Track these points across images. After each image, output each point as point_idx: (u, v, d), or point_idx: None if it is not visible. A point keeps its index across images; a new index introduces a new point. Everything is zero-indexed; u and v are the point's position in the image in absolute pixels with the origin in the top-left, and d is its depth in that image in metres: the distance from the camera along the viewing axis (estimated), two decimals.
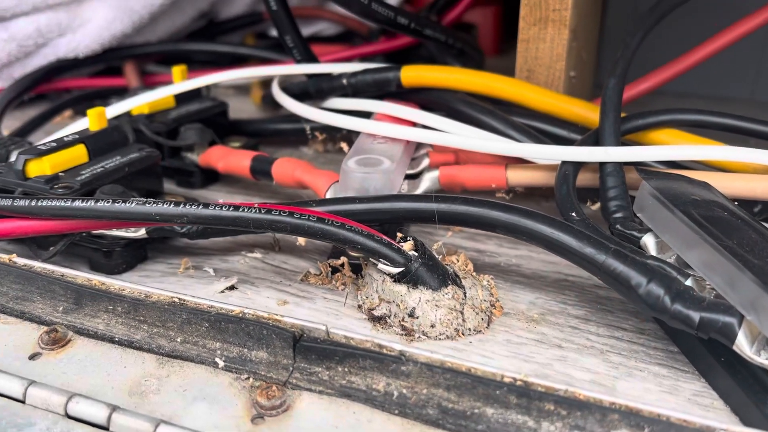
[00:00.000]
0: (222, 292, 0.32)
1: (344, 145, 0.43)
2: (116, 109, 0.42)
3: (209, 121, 0.47)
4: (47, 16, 0.62)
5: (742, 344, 0.24)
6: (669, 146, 0.33)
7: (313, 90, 0.46)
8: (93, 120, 0.38)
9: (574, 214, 0.32)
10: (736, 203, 0.30)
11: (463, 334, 0.29)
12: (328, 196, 0.36)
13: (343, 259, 0.33)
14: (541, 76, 0.42)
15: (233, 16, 0.81)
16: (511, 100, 0.40)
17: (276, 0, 0.44)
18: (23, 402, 0.26)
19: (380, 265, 0.30)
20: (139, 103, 0.43)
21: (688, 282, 0.27)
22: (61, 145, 0.36)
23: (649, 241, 0.31)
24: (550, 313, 0.31)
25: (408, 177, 0.39)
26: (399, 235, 0.31)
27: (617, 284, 0.27)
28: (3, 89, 0.57)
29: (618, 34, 0.62)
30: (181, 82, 0.49)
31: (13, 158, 0.43)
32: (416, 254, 0.29)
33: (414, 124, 0.40)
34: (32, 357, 0.28)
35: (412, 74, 0.42)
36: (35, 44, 0.61)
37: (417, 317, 0.29)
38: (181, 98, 0.48)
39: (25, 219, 0.32)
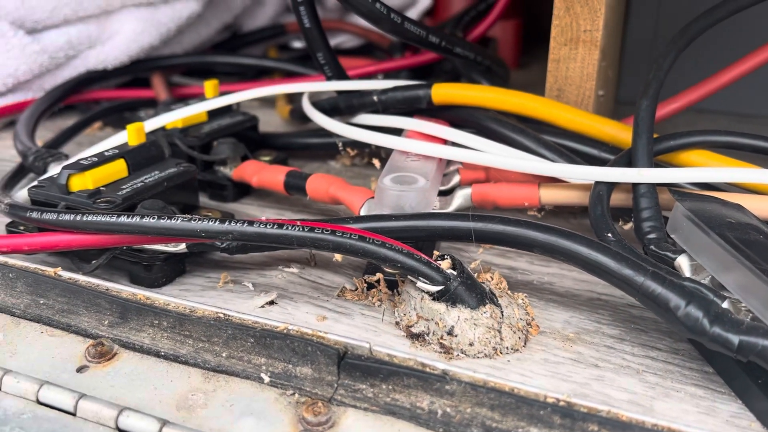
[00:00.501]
0: (262, 306, 0.33)
1: (376, 162, 0.44)
2: (153, 123, 0.43)
3: (240, 134, 0.48)
4: (78, 28, 0.63)
5: None
6: (703, 168, 0.34)
7: (343, 106, 0.47)
8: (132, 135, 0.39)
9: (609, 234, 0.32)
10: None
11: (501, 353, 0.30)
12: (363, 212, 0.37)
13: (379, 275, 0.34)
14: (572, 95, 0.43)
15: (256, 28, 0.82)
16: (542, 119, 0.41)
17: (309, 17, 0.45)
18: (74, 415, 0.27)
19: (419, 284, 0.30)
20: (176, 118, 0.43)
21: (725, 304, 0.28)
22: (102, 159, 0.37)
23: (683, 263, 0.31)
24: (585, 332, 0.32)
25: (440, 193, 0.40)
26: (436, 253, 0.32)
27: (655, 306, 0.28)
28: (35, 100, 0.58)
29: (638, 50, 0.62)
30: (213, 96, 0.49)
31: (50, 171, 0.44)
32: (455, 273, 0.30)
33: (445, 142, 0.41)
34: (79, 370, 0.29)
35: (443, 92, 0.43)
36: (66, 56, 0.62)
37: (456, 335, 0.29)
38: (213, 112, 0.48)
39: (69, 233, 0.33)
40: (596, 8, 0.40)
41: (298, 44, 0.88)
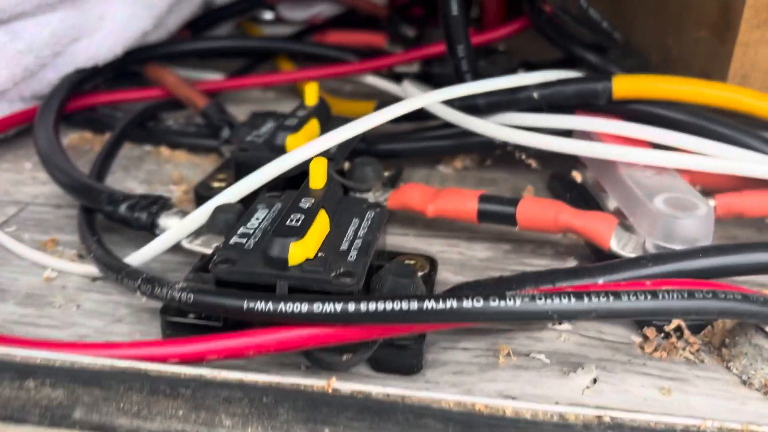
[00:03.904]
0: (588, 387, 0.26)
1: (532, 161, 0.38)
2: (312, 149, 0.33)
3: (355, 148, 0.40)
4: (57, 16, 0.50)
5: None
6: None
7: (483, 104, 0.40)
8: (317, 175, 0.30)
9: None
10: None
11: None
12: (614, 244, 0.31)
13: (678, 322, 0.29)
14: (757, 82, 0.39)
15: (230, 1, 0.70)
16: (748, 113, 0.37)
17: (458, 5, 0.37)
18: None
19: None
20: (335, 142, 0.34)
21: None
22: (310, 217, 0.28)
23: None
24: None
25: None
26: None
27: None
28: (34, 118, 0.45)
29: None
30: (314, 103, 0.41)
31: (162, 224, 0.33)
32: None
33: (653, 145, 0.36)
34: None
35: (627, 85, 0.37)
36: (52, 53, 0.49)
37: None
38: (322, 124, 0.40)
39: (307, 326, 0.25)
40: None
41: (268, 16, 0.77)
